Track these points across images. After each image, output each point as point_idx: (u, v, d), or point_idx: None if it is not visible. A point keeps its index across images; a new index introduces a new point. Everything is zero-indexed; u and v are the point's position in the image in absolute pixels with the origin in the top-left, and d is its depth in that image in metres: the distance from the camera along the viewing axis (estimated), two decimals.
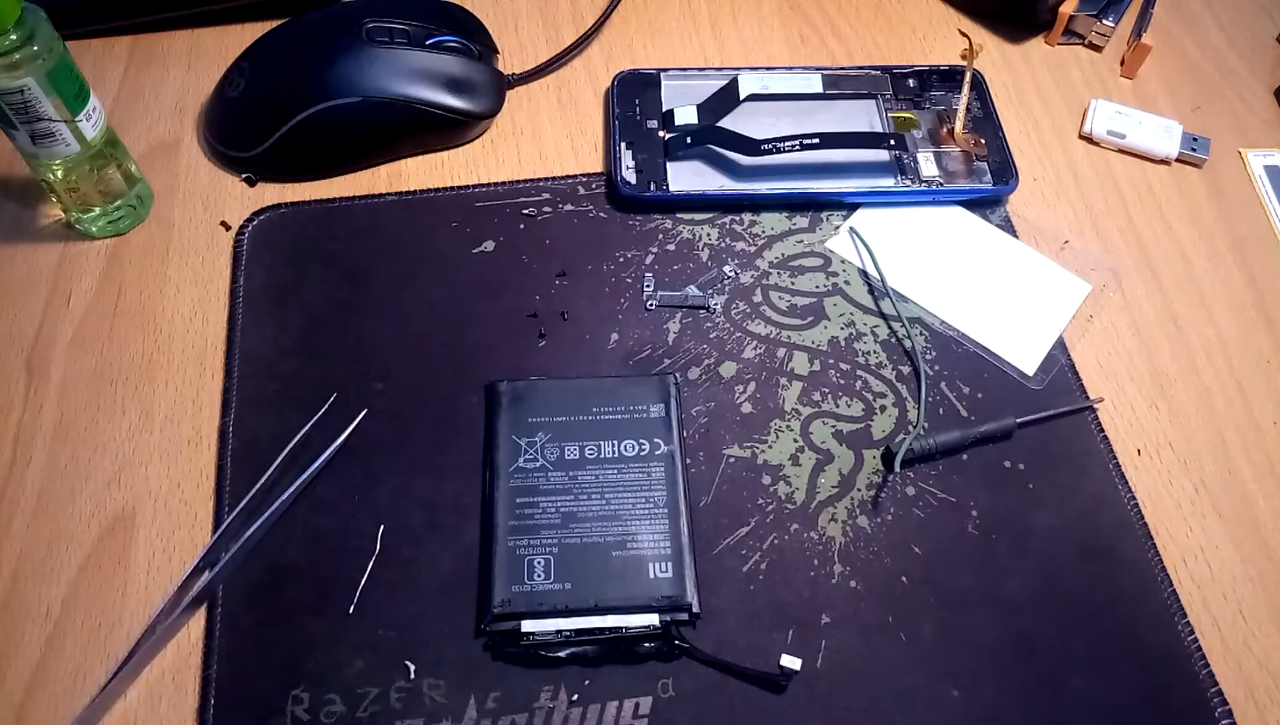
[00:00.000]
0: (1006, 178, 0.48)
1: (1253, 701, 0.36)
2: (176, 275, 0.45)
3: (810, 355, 0.44)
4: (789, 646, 0.36)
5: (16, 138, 0.40)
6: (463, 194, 0.48)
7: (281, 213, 0.47)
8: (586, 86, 0.53)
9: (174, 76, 0.52)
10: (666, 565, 0.36)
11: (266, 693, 0.34)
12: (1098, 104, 0.52)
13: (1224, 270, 0.48)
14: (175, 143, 0.49)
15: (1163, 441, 0.42)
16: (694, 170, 0.48)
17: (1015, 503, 0.40)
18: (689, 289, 0.45)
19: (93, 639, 0.36)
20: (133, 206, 0.45)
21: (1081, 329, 0.45)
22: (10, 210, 0.46)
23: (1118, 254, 0.48)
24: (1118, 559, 0.39)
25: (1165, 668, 0.37)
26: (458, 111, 0.48)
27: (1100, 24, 0.55)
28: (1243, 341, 0.45)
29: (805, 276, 0.46)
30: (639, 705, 0.35)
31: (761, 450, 0.41)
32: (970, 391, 0.43)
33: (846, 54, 0.55)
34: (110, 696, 0.34)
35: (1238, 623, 0.38)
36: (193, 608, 0.36)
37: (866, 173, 0.49)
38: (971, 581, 0.38)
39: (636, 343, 0.43)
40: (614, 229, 0.47)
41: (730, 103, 0.49)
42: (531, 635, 0.35)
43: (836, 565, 0.38)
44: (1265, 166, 0.52)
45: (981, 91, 0.51)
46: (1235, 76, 0.55)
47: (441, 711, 0.34)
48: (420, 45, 0.48)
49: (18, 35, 0.37)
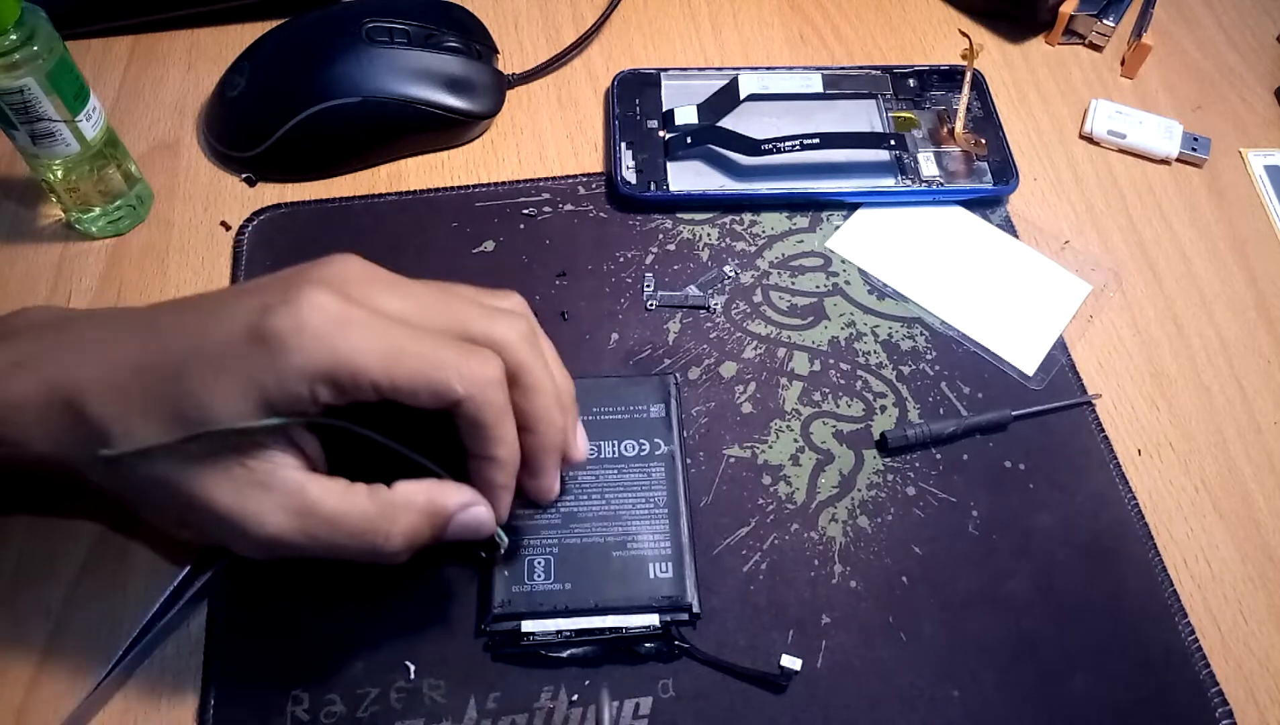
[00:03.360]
0: (1007, 178, 0.48)
1: (1253, 701, 0.36)
2: (176, 275, 0.45)
3: (810, 355, 0.44)
4: (789, 646, 0.36)
5: (16, 138, 0.40)
6: (463, 194, 0.48)
7: (281, 213, 0.47)
8: (586, 86, 0.53)
9: (174, 76, 0.52)
10: (667, 565, 0.36)
11: (266, 693, 0.34)
12: (1098, 104, 0.52)
13: (1224, 270, 0.48)
14: (175, 143, 0.49)
15: (1163, 441, 0.42)
16: (694, 170, 0.48)
17: (1015, 503, 0.40)
18: (689, 289, 0.45)
19: (93, 639, 0.35)
20: (133, 206, 0.45)
21: (1081, 329, 0.45)
22: (10, 210, 0.46)
23: (1118, 254, 0.48)
24: (1118, 559, 0.39)
25: (1165, 668, 0.37)
26: (458, 111, 0.48)
27: (1100, 24, 0.55)
28: (1243, 341, 0.45)
29: (805, 276, 0.46)
30: (639, 705, 0.35)
31: (762, 450, 0.41)
32: (970, 391, 0.43)
33: (847, 54, 0.55)
34: (102, 696, 0.34)
35: (1238, 623, 0.38)
36: (192, 606, 0.36)
37: (866, 173, 0.49)
38: (971, 581, 0.38)
39: (636, 343, 0.43)
40: (614, 229, 0.47)
41: (730, 103, 0.49)
42: (532, 635, 0.35)
43: (837, 565, 0.38)
44: (1265, 166, 0.52)
45: (982, 91, 0.51)
46: (1235, 76, 0.55)
47: (441, 711, 0.34)
48: (420, 45, 0.48)
49: (18, 35, 0.37)
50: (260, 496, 0.30)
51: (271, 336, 0.28)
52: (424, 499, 0.31)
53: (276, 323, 0.28)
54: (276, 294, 0.29)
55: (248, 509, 0.29)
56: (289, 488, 0.30)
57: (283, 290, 0.29)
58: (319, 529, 0.30)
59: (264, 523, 0.30)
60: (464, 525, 0.32)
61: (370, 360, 0.28)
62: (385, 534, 0.30)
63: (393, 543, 0.31)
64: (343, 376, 0.28)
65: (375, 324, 0.29)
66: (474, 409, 0.29)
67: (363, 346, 0.28)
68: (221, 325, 0.29)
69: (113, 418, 0.29)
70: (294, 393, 0.28)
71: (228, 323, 0.29)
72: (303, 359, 0.28)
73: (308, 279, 0.29)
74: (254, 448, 0.29)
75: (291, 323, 0.28)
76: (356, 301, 0.29)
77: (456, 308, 0.31)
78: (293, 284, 0.29)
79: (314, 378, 0.28)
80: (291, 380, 0.28)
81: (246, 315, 0.28)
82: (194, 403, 0.28)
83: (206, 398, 0.28)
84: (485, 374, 0.29)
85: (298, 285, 0.29)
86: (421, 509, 0.31)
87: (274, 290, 0.29)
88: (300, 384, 0.28)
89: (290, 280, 0.30)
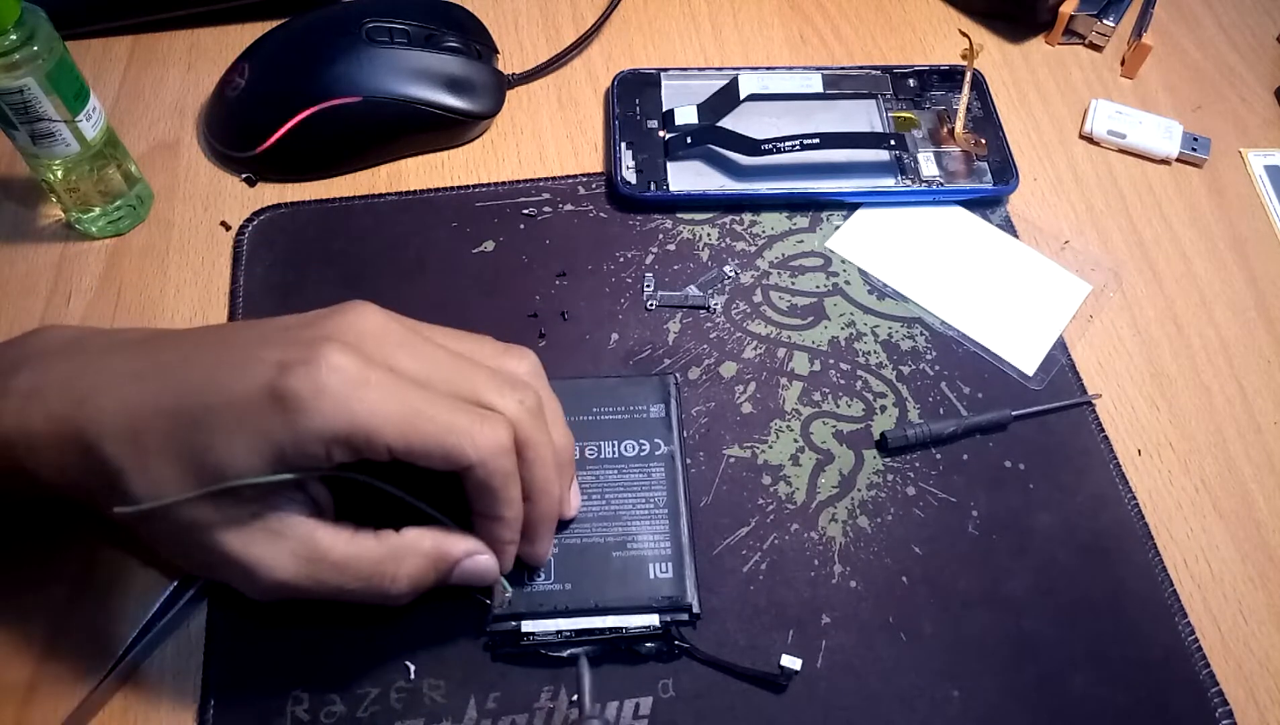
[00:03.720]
0: (1007, 178, 0.48)
1: (1253, 701, 0.36)
2: (176, 275, 0.45)
3: (810, 355, 0.44)
4: (789, 646, 0.36)
5: (16, 138, 0.40)
6: (463, 194, 0.48)
7: (281, 213, 0.47)
8: (586, 86, 0.53)
9: (174, 76, 0.52)
10: (667, 566, 0.36)
11: (266, 693, 0.34)
12: (1098, 104, 0.52)
13: (1224, 270, 0.48)
14: (175, 143, 0.49)
15: (1163, 441, 0.42)
16: (694, 170, 0.48)
17: (1015, 503, 0.40)
18: (689, 289, 0.45)
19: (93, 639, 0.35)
20: (133, 206, 0.45)
21: (1081, 329, 0.45)
22: (10, 210, 0.46)
23: (1118, 254, 0.48)
24: (1118, 559, 0.39)
25: (1165, 668, 0.37)
26: (458, 111, 0.48)
27: (1100, 24, 0.55)
28: (1243, 341, 0.45)
29: (805, 276, 0.46)
30: (639, 705, 0.35)
31: (762, 450, 0.41)
32: (970, 391, 0.43)
33: (847, 54, 0.55)
34: (102, 696, 0.34)
35: (1238, 623, 0.38)
36: (192, 606, 0.36)
37: (867, 173, 0.49)
38: (971, 581, 0.38)
39: (636, 343, 0.43)
40: (614, 229, 0.47)
41: (730, 103, 0.49)
42: (532, 635, 0.35)
43: (837, 565, 0.38)
44: (1265, 166, 0.52)
45: (982, 91, 0.51)
46: (1235, 76, 0.55)
47: (441, 711, 0.34)
48: (420, 45, 0.48)
49: (18, 35, 0.37)
50: (271, 544, 0.30)
51: (290, 398, 0.28)
52: (430, 545, 0.32)
53: (295, 385, 0.28)
54: (296, 350, 0.29)
55: (258, 555, 0.30)
56: (299, 536, 0.30)
57: (303, 348, 0.29)
58: (327, 574, 0.31)
59: (274, 569, 0.30)
60: (468, 573, 0.33)
61: (386, 425, 0.29)
62: (392, 577, 0.32)
63: (398, 585, 0.32)
64: (358, 440, 0.29)
65: (392, 387, 0.29)
66: (484, 475, 0.30)
67: (379, 411, 0.29)
68: (241, 379, 0.29)
69: (127, 460, 0.29)
70: (310, 453, 0.29)
71: (248, 377, 0.29)
72: (320, 422, 0.28)
73: (326, 335, 0.30)
74: (266, 496, 0.30)
75: (310, 386, 0.28)
76: (374, 362, 0.29)
77: (469, 374, 0.31)
78: (312, 341, 0.29)
79: (331, 440, 0.29)
80: (309, 442, 0.28)
81: (265, 372, 0.29)
82: (212, 455, 0.29)
83: (224, 451, 0.29)
84: (497, 441, 0.30)
85: (317, 344, 0.29)
86: (427, 554, 0.32)
87: (294, 345, 0.29)
88: (317, 445, 0.29)
89: (309, 335, 0.30)
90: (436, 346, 0.32)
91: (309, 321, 0.31)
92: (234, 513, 0.30)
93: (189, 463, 0.29)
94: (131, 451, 0.29)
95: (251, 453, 0.29)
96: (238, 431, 0.29)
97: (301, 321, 0.31)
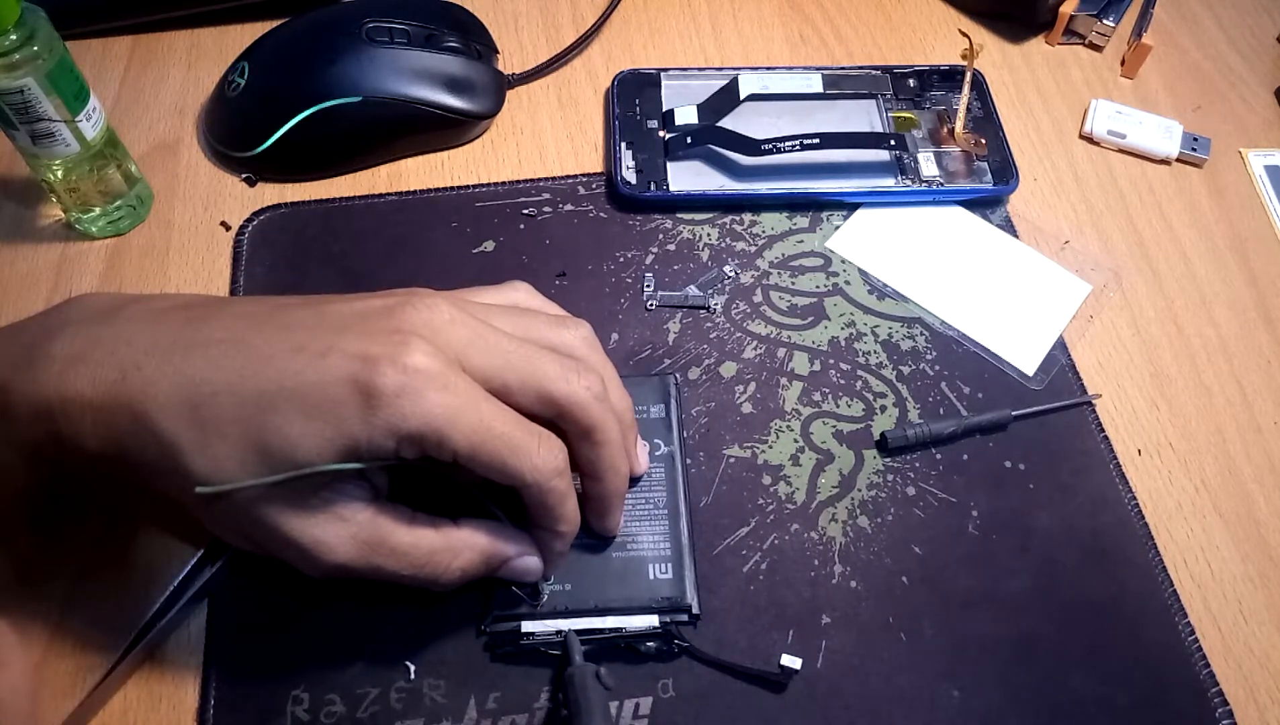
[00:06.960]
0: (1007, 178, 0.48)
1: (1253, 701, 0.36)
2: (176, 275, 0.45)
3: (810, 355, 0.44)
4: (789, 646, 0.36)
5: (16, 138, 0.40)
6: (463, 194, 0.48)
7: (281, 213, 0.47)
8: (586, 86, 0.53)
9: (174, 76, 0.52)
10: (666, 566, 0.36)
11: (266, 693, 0.34)
12: (1098, 104, 0.52)
13: (1224, 270, 0.48)
14: (175, 143, 0.49)
15: (1163, 441, 0.42)
16: (694, 170, 0.48)
17: (1015, 503, 0.40)
18: (689, 289, 0.45)
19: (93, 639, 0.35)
20: (133, 206, 0.45)
21: (1082, 329, 0.45)
22: (10, 210, 0.46)
23: (1118, 254, 0.48)
24: (1118, 559, 0.39)
25: (1165, 668, 0.37)
26: (458, 111, 0.48)
27: (1101, 24, 0.55)
28: (1243, 341, 0.45)
29: (805, 276, 0.46)
30: (639, 705, 0.35)
31: (762, 450, 0.41)
32: (970, 391, 0.43)
33: (847, 54, 0.55)
34: (102, 696, 0.34)
35: (1238, 623, 0.38)
36: (193, 606, 0.36)
37: (867, 173, 0.49)
38: (971, 581, 0.38)
39: (636, 343, 0.43)
40: (614, 229, 0.47)
41: (730, 103, 0.49)
42: (531, 635, 0.35)
43: (837, 565, 0.38)
44: (1265, 166, 0.52)
45: (982, 91, 0.51)
46: (1235, 76, 0.55)
47: (441, 711, 0.34)
48: (420, 45, 0.48)
49: (18, 35, 0.37)
50: (333, 527, 0.30)
51: (374, 394, 0.28)
52: (486, 541, 0.33)
53: (380, 382, 0.28)
54: (379, 344, 0.29)
55: (318, 537, 0.30)
56: (361, 521, 0.31)
57: (385, 342, 0.29)
58: (384, 560, 0.31)
59: (334, 552, 0.30)
60: (515, 570, 0.34)
61: (457, 432, 0.29)
62: (445, 567, 0.32)
63: (450, 575, 0.33)
64: (430, 441, 0.29)
65: (468, 394, 0.30)
66: (539, 494, 0.31)
67: (454, 418, 0.29)
68: (319, 367, 0.29)
69: (185, 435, 0.29)
70: (381, 447, 0.29)
71: (327, 367, 0.29)
72: (399, 420, 0.28)
73: (409, 329, 0.30)
74: (332, 481, 0.30)
75: (395, 384, 0.28)
76: (453, 363, 0.30)
77: (536, 366, 0.31)
78: (394, 336, 0.29)
79: (404, 437, 0.29)
80: (382, 436, 0.29)
81: (348, 365, 0.29)
82: (281, 439, 0.29)
83: (296, 436, 0.28)
84: (553, 465, 0.31)
85: (401, 338, 0.29)
86: (483, 549, 0.33)
87: (376, 338, 0.29)
88: (389, 440, 0.29)
89: (389, 326, 0.30)
90: (502, 336, 0.31)
91: (384, 311, 0.30)
92: (299, 495, 0.30)
93: (253, 444, 0.29)
94: (189, 427, 0.29)
95: (323, 441, 0.28)
96: (314, 418, 0.28)
97: (375, 310, 0.31)
